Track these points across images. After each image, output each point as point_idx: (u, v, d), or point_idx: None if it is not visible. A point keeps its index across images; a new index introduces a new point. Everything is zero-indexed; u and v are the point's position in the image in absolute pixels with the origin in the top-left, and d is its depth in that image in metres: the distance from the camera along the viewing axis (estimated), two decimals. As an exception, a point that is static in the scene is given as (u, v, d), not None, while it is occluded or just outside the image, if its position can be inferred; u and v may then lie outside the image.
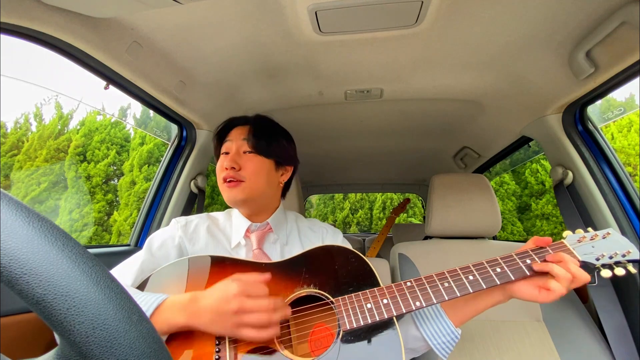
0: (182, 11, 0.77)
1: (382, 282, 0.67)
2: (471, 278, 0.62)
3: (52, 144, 6.95)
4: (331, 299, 0.63)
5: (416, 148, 1.94)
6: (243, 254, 0.78)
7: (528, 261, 0.64)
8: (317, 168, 2.35)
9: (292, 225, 0.87)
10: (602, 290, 0.94)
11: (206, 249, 0.76)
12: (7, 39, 0.67)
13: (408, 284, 0.63)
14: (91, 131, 7.22)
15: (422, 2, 0.73)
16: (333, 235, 0.88)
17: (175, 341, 0.57)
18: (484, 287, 0.61)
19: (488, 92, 1.18)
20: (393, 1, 0.73)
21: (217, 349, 0.57)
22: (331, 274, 0.68)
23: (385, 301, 0.62)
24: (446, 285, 0.62)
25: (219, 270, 0.67)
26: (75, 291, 0.22)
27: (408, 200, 2.76)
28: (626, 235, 0.97)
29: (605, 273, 0.61)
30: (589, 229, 0.70)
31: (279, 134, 0.85)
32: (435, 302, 0.61)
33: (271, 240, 0.81)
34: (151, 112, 3.11)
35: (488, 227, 1.16)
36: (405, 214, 8.92)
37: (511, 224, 7.30)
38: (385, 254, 2.48)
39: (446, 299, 0.61)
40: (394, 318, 0.61)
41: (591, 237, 0.67)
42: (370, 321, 0.59)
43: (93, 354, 0.22)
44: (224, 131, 0.84)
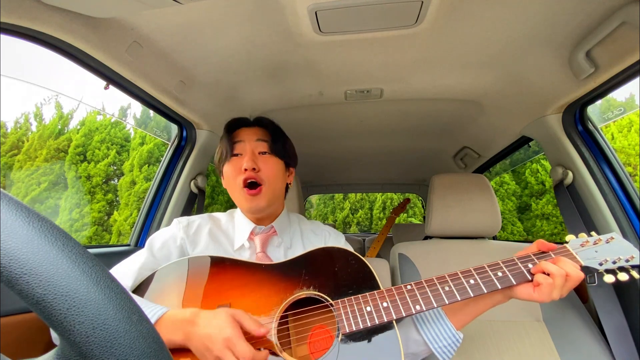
0: (182, 11, 0.77)
1: (382, 282, 0.67)
2: (472, 282, 0.61)
3: (52, 144, 6.95)
4: (331, 302, 0.63)
5: (416, 148, 1.94)
6: (246, 256, 0.77)
7: (530, 265, 0.62)
8: (317, 168, 2.35)
9: (296, 228, 0.86)
10: (602, 290, 0.94)
11: (206, 252, 0.75)
12: (7, 39, 0.67)
13: (408, 287, 0.62)
14: (91, 131, 7.22)
15: (422, 2, 0.73)
16: (335, 238, 0.87)
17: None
18: (485, 292, 0.60)
19: (488, 92, 1.18)
20: (393, 1, 0.73)
21: None
22: (331, 276, 0.67)
23: (385, 304, 0.61)
24: (447, 289, 0.61)
25: (219, 270, 0.67)
26: (75, 291, 0.22)
27: (408, 200, 2.75)
28: (626, 236, 0.97)
29: (608, 278, 0.60)
30: (593, 233, 0.68)
31: (286, 136, 0.86)
32: (435, 306, 0.60)
33: (275, 243, 0.80)
34: (151, 112, 3.11)
35: (488, 227, 1.16)
36: (405, 214, 8.92)
37: (511, 224, 7.30)
38: (385, 254, 2.48)
39: (447, 303, 0.60)
40: (394, 321, 0.60)
41: (594, 242, 0.65)
42: (369, 324, 0.59)
43: (93, 354, 0.22)
44: (230, 131, 0.82)
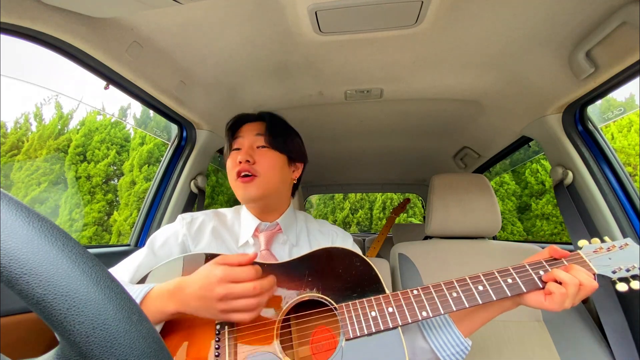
0: (182, 11, 0.77)
1: (382, 282, 0.65)
2: (481, 288, 0.59)
3: (52, 144, 6.95)
4: (335, 305, 0.61)
5: (416, 148, 1.94)
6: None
7: (541, 272, 0.60)
8: (317, 168, 2.35)
9: (302, 226, 0.85)
10: (602, 290, 0.94)
11: (208, 249, 0.74)
12: (7, 39, 0.67)
13: (415, 292, 0.61)
14: (91, 131, 7.22)
15: (422, 2, 0.73)
16: (343, 239, 0.84)
17: (175, 333, 0.57)
18: (494, 299, 0.58)
19: (488, 92, 1.18)
20: (393, 1, 0.73)
21: (217, 346, 0.57)
22: (335, 278, 0.65)
23: (390, 310, 0.59)
24: (454, 295, 0.59)
25: None
26: (75, 291, 0.22)
27: (408, 200, 2.75)
28: (626, 236, 0.97)
29: (621, 287, 0.58)
30: (606, 239, 0.66)
31: (291, 131, 0.85)
32: (442, 313, 0.58)
33: (280, 241, 0.79)
34: (151, 112, 3.10)
35: (488, 227, 1.15)
36: (405, 214, 8.92)
37: (511, 224, 7.30)
38: (385, 254, 2.48)
39: (454, 310, 0.58)
40: (399, 328, 0.59)
41: (608, 248, 0.63)
42: (374, 330, 0.57)
43: (93, 354, 0.22)
44: (234, 128, 0.82)
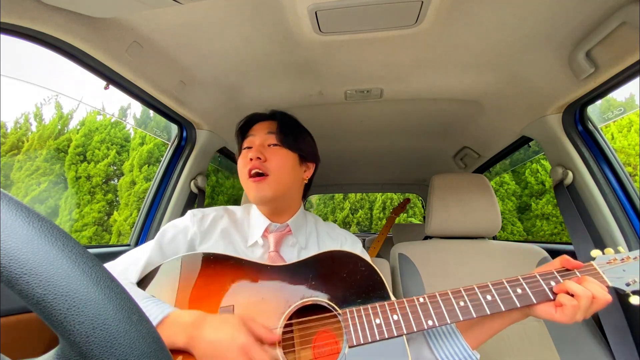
0: (182, 11, 0.77)
1: (388, 289, 0.64)
2: (489, 298, 0.58)
3: (52, 144, 6.95)
4: (338, 311, 0.60)
5: (416, 148, 1.94)
6: (259, 254, 0.75)
7: (552, 283, 0.58)
8: (317, 168, 2.35)
9: (312, 228, 0.84)
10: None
11: (216, 248, 0.73)
12: (7, 39, 0.67)
13: (421, 300, 0.59)
14: (91, 131, 7.21)
15: (422, 2, 0.73)
16: (352, 244, 0.83)
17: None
18: (503, 309, 0.57)
19: (488, 92, 1.18)
20: (393, 1, 0.73)
21: None
22: (339, 282, 0.64)
23: (395, 317, 0.57)
24: (462, 304, 0.57)
25: (224, 270, 0.65)
26: (75, 291, 0.22)
27: (408, 200, 2.75)
28: (626, 236, 0.97)
29: (634, 300, 0.56)
30: (620, 249, 0.64)
31: (303, 130, 0.85)
32: (449, 322, 0.57)
33: (289, 243, 0.78)
34: (151, 112, 3.11)
35: (488, 227, 1.15)
36: (405, 214, 8.92)
37: (511, 224, 7.30)
38: (385, 254, 2.48)
39: (461, 320, 0.56)
40: (404, 337, 0.57)
41: (622, 259, 0.61)
42: (378, 338, 0.56)
43: (93, 354, 0.22)
44: (246, 127, 0.82)
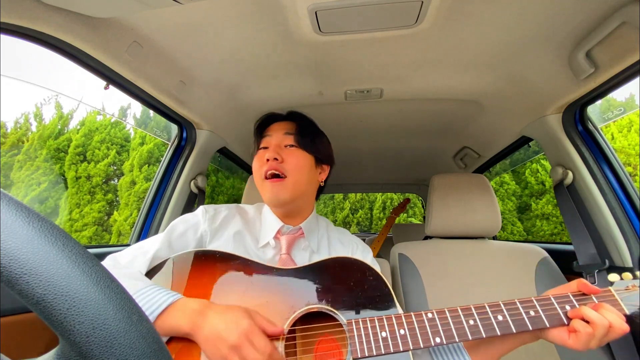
0: (182, 11, 0.77)
1: (396, 301, 0.63)
2: (500, 318, 0.56)
3: (52, 144, 6.95)
4: (344, 322, 0.59)
5: (416, 148, 1.94)
6: (270, 256, 0.75)
7: (567, 307, 0.57)
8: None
9: (323, 232, 0.83)
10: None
11: (225, 247, 0.72)
12: (7, 39, 0.67)
13: (429, 316, 0.58)
14: (91, 131, 7.21)
15: (422, 2, 0.73)
16: (363, 252, 0.82)
17: (179, 341, 0.56)
18: (514, 331, 0.55)
19: (488, 92, 1.18)
20: (393, 1, 0.73)
21: None
22: (346, 290, 0.63)
23: (402, 332, 0.56)
24: (471, 323, 0.56)
25: (230, 271, 0.65)
26: (75, 291, 0.22)
27: (408, 200, 2.75)
28: (626, 236, 0.97)
29: None
30: (638, 273, 0.62)
31: (319, 132, 0.85)
32: (457, 341, 0.55)
33: (301, 246, 0.78)
34: (151, 112, 3.11)
35: (488, 227, 1.15)
36: (405, 214, 8.91)
37: (511, 224, 7.30)
38: (385, 254, 2.48)
39: (470, 339, 0.55)
40: (410, 353, 0.56)
41: None
42: (383, 352, 0.55)
43: (93, 354, 0.22)
44: (262, 127, 0.81)
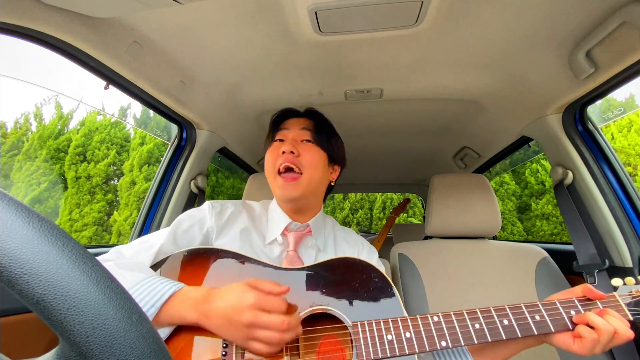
0: (182, 11, 0.77)
1: (401, 304, 0.63)
2: (506, 323, 0.57)
3: (52, 144, 6.95)
4: (349, 324, 0.59)
5: (416, 148, 1.94)
6: (277, 252, 0.74)
7: (572, 312, 0.58)
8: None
9: (330, 231, 0.83)
10: (602, 290, 0.94)
11: (232, 245, 0.72)
12: (7, 39, 0.67)
13: (435, 319, 0.58)
14: (91, 131, 7.21)
15: (422, 2, 0.73)
16: (369, 253, 0.82)
17: (182, 337, 0.56)
18: (519, 336, 0.56)
19: (488, 92, 1.18)
20: (393, 1, 0.73)
21: (224, 352, 0.55)
22: (351, 292, 0.63)
23: (407, 335, 0.56)
24: (477, 326, 0.57)
25: (234, 269, 0.65)
26: (75, 291, 0.22)
27: (408, 200, 2.75)
28: (626, 236, 0.97)
29: None
30: None
31: (335, 131, 0.85)
32: (463, 345, 0.56)
33: (308, 244, 0.77)
34: (151, 112, 3.11)
35: (488, 227, 1.15)
36: (405, 214, 8.92)
37: (511, 224, 7.30)
38: (385, 254, 2.48)
39: (475, 343, 0.55)
40: (416, 356, 0.56)
41: None
42: (389, 355, 0.55)
43: (93, 354, 0.22)
44: (279, 120, 0.82)
